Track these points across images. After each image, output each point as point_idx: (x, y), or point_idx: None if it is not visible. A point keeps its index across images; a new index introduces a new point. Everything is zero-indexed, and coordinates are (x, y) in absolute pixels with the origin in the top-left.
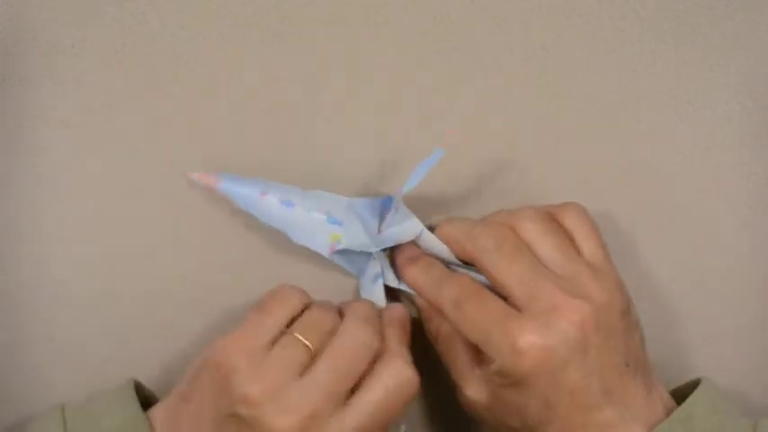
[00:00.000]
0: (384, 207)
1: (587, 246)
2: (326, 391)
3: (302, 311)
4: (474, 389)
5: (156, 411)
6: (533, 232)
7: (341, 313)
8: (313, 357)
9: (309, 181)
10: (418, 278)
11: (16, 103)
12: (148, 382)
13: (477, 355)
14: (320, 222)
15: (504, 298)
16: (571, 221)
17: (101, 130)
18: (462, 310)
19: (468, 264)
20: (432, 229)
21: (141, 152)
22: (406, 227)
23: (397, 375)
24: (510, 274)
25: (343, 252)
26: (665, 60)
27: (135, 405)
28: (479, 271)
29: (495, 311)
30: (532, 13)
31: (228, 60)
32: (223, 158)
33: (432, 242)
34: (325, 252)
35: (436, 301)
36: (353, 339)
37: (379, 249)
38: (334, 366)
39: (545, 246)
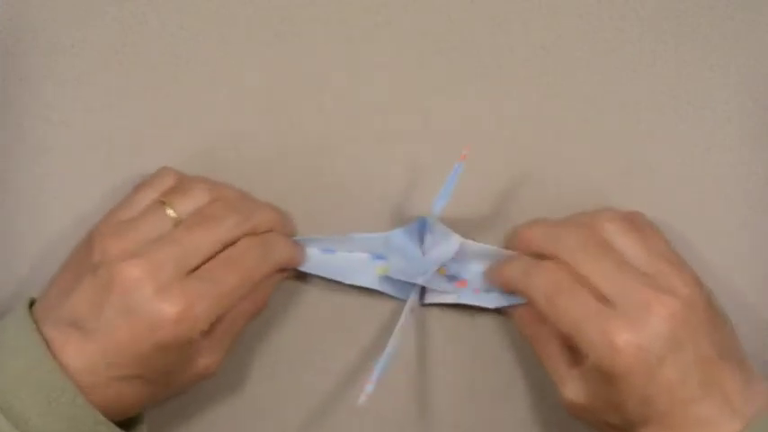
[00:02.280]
0: (421, 229)
1: (660, 244)
2: (175, 254)
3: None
4: (573, 389)
5: (38, 304)
6: (614, 232)
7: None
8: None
9: (309, 181)
10: (504, 270)
11: (16, 103)
12: None
13: (573, 355)
14: (364, 261)
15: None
16: (640, 222)
17: (101, 130)
18: (554, 304)
19: None
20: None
21: (141, 152)
22: (447, 244)
23: (243, 250)
24: (597, 271)
25: (391, 281)
26: (665, 60)
27: (23, 316)
28: None
29: (588, 307)
30: (532, 13)
31: (228, 60)
32: (223, 158)
33: (476, 250)
34: (375, 284)
35: (526, 291)
36: (217, 215)
37: (427, 277)
38: (187, 234)
39: (626, 244)
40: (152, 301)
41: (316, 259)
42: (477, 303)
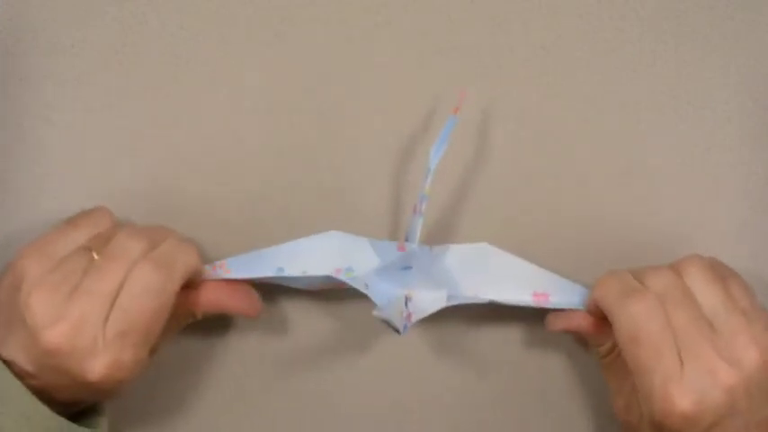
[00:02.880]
0: (405, 260)
1: (742, 296)
2: (94, 296)
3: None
4: (632, 415)
5: None
6: (698, 279)
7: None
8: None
9: (309, 181)
10: (602, 286)
11: (16, 103)
12: (148, 380)
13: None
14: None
15: None
16: (723, 271)
17: (101, 130)
18: (637, 341)
19: None
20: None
21: (141, 152)
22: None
23: (140, 279)
24: (674, 319)
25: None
26: (665, 60)
27: None
28: None
29: (662, 357)
30: (532, 13)
31: (228, 60)
32: (223, 158)
33: (464, 258)
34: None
35: (615, 313)
36: (120, 246)
37: (407, 289)
38: (100, 273)
39: (708, 294)
40: (81, 365)
41: (289, 278)
42: (468, 301)
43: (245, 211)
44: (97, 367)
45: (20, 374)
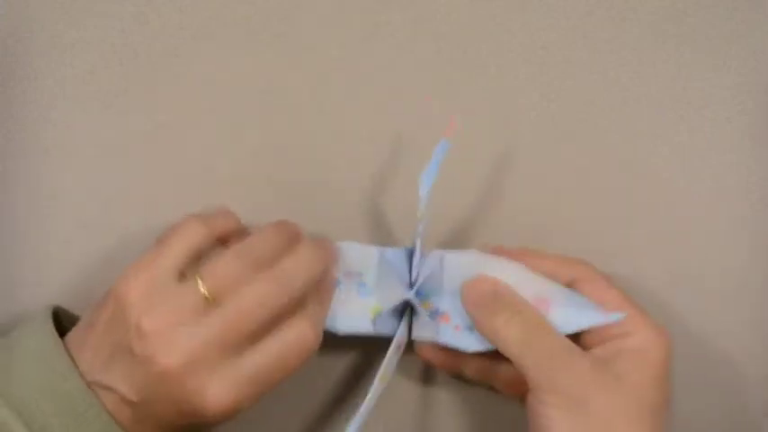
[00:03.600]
0: (411, 253)
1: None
2: (215, 340)
3: (220, 243)
4: None
5: (71, 335)
6: None
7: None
8: (213, 302)
9: (309, 181)
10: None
11: (16, 103)
12: None
13: None
14: (353, 299)
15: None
16: None
17: (101, 130)
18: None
19: None
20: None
21: (141, 152)
22: (428, 262)
23: (293, 337)
24: None
25: (383, 319)
26: (665, 60)
27: (48, 329)
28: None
29: None
30: (532, 13)
31: (228, 60)
32: (223, 158)
33: (455, 262)
34: (370, 330)
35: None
36: (256, 298)
37: (413, 292)
38: (226, 319)
39: None
40: (195, 395)
41: None
42: (454, 344)
43: (246, 211)
44: (220, 398)
45: (118, 403)
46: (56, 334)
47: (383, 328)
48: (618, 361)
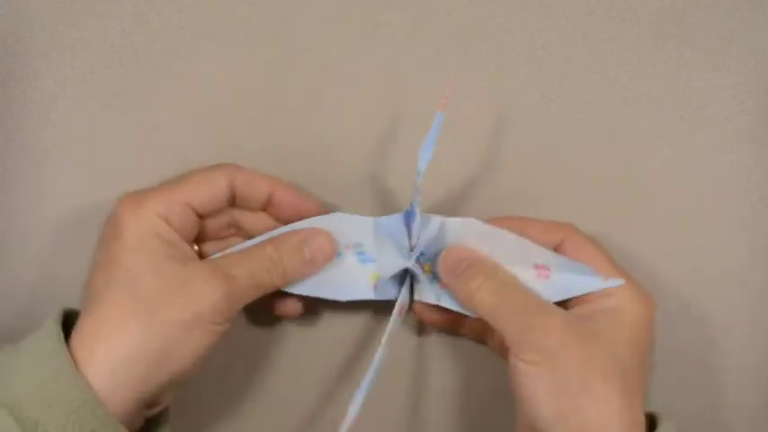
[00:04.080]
0: (409, 218)
1: None
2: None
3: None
4: None
5: (80, 323)
6: None
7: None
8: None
9: (309, 182)
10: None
11: (16, 103)
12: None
13: None
14: (353, 266)
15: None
16: None
17: (101, 130)
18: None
19: None
20: None
21: (141, 152)
22: (429, 227)
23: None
24: None
25: (384, 284)
26: (665, 60)
27: (54, 335)
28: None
29: None
30: (532, 13)
31: (228, 60)
32: (223, 158)
33: (456, 229)
34: (371, 295)
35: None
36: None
37: (413, 260)
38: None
39: None
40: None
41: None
42: (456, 309)
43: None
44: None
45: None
46: (58, 331)
47: (384, 294)
48: (595, 319)
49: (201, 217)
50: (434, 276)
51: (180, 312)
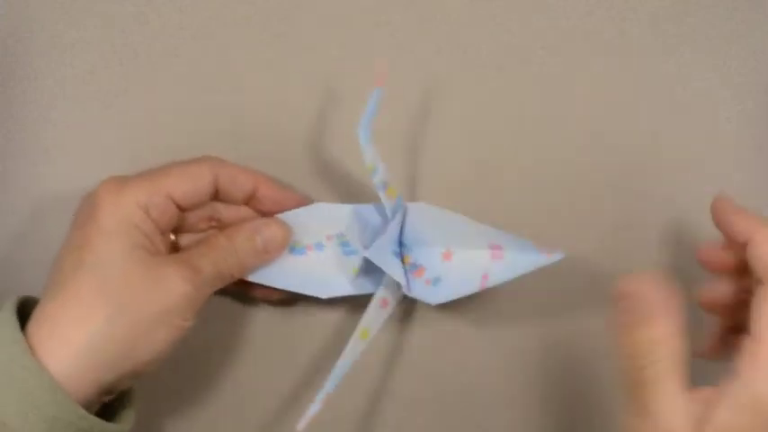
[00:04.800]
0: (381, 209)
1: None
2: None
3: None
4: None
5: (42, 305)
6: None
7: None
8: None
9: (309, 182)
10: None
11: (16, 103)
12: (149, 376)
13: None
14: (336, 258)
15: None
16: None
17: (101, 130)
18: None
19: None
20: None
21: (141, 152)
22: (410, 213)
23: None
24: None
25: (363, 277)
26: (665, 60)
27: (9, 322)
28: None
29: None
30: (532, 13)
31: (228, 60)
32: (223, 158)
33: (415, 213)
34: (350, 290)
35: None
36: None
37: (393, 240)
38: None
39: None
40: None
41: (285, 266)
42: (420, 298)
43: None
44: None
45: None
46: (14, 318)
47: (362, 287)
48: None
49: (182, 209)
50: (412, 267)
51: (148, 306)
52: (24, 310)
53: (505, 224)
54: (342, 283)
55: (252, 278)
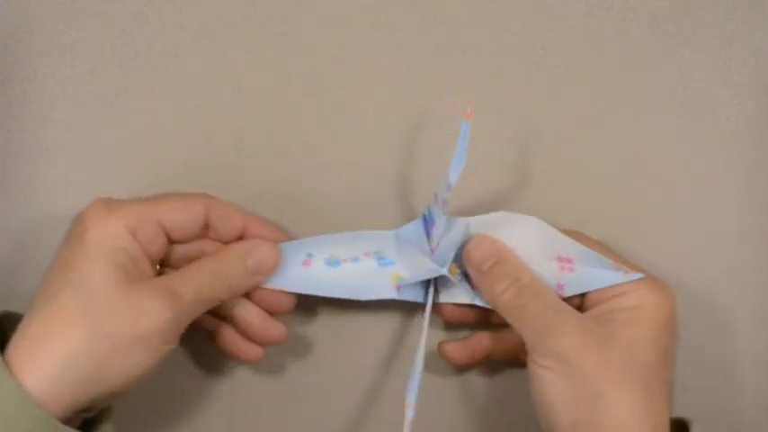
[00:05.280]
0: (428, 224)
1: None
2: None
3: None
4: None
5: (26, 321)
6: None
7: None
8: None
9: (309, 182)
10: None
11: (16, 103)
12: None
13: None
14: (373, 268)
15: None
16: None
17: (101, 130)
18: None
19: None
20: None
21: (141, 152)
22: (454, 231)
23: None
24: None
25: (406, 286)
26: (665, 60)
27: None
28: None
29: None
30: (532, 13)
31: (228, 60)
32: (223, 158)
33: (482, 225)
34: (393, 295)
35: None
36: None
37: (446, 268)
38: None
39: None
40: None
41: (322, 278)
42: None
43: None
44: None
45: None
46: None
47: (408, 295)
48: (613, 319)
49: (172, 241)
50: (464, 276)
51: (125, 329)
52: (7, 324)
53: None
54: (383, 288)
55: (286, 287)
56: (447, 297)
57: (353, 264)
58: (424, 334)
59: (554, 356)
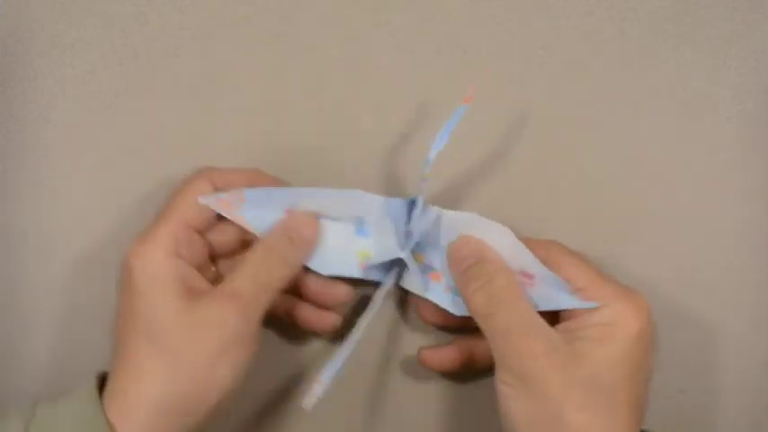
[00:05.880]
0: (411, 206)
1: None
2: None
3: None
4: None
5: (111, 380)
6: None
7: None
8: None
9: (309, 181)
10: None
11: (16, 103)
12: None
13: None
14: (348, 238)
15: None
16: None
17: (101, 130)
18: None
19: None
20: None
21: (141, 152)
22: (426, 217)
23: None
24: None
25: (373, 267)
26: (665, 60)
27: (91, 399)
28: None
29: None
30: (532, 13)
31: (228, 60)
32: (223, 158)
33: (453, 223)
34: (357, 273)
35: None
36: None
37: (407, 251)
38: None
39: None
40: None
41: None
42: (442, 305)
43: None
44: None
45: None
46: (96, 397)
47: (371, 275)
48: (582, 336)
49: (204, 231)
50: (426, 268)
51: (200, 351)
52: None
53: (503, 224)
54: (348, 265)
55: (261, 231)
56: (406, 284)
57: (332, 223)
58: (371, 313)
59: (517, 375)
